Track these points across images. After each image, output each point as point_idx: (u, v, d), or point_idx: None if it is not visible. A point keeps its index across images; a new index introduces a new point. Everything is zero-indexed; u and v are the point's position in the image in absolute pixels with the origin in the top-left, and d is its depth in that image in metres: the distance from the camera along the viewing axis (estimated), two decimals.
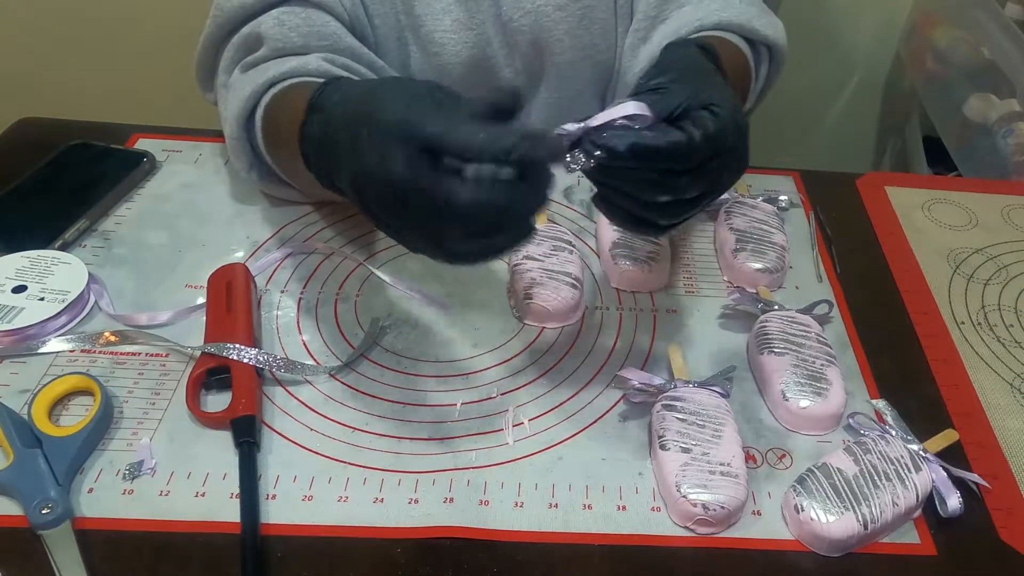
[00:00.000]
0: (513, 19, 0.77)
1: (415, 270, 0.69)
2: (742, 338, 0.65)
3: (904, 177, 0.89)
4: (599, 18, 0.79)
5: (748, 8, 0.76)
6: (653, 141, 0.48)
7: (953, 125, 1.31)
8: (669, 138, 0.48)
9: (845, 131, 1.68)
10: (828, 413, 0.58)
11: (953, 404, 0.61)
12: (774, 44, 0.77)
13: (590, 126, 0.49)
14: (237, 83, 0.69)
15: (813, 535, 0.51)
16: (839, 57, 1.58)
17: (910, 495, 0.52)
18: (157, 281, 0.67)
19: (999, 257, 0.76)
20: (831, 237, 0.76)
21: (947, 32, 1.39)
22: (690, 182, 0.50)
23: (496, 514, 0.52)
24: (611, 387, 0.60)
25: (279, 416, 0.57)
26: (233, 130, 0.68)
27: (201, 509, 0.51)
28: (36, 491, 0.50)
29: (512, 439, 0.57)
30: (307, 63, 0.66)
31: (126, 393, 0.58)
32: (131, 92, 1.50)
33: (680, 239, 0.75)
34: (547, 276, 0.65)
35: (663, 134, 0.48)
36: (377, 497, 0.53)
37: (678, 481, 0.52)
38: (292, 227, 0.73)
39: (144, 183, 0.77)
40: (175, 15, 1.32)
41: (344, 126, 0.48)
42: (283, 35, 0.68)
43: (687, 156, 0.49)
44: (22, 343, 0.60)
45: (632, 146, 0.48)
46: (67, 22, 1.49)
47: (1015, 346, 0.67)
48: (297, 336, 0.63)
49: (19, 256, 0.65)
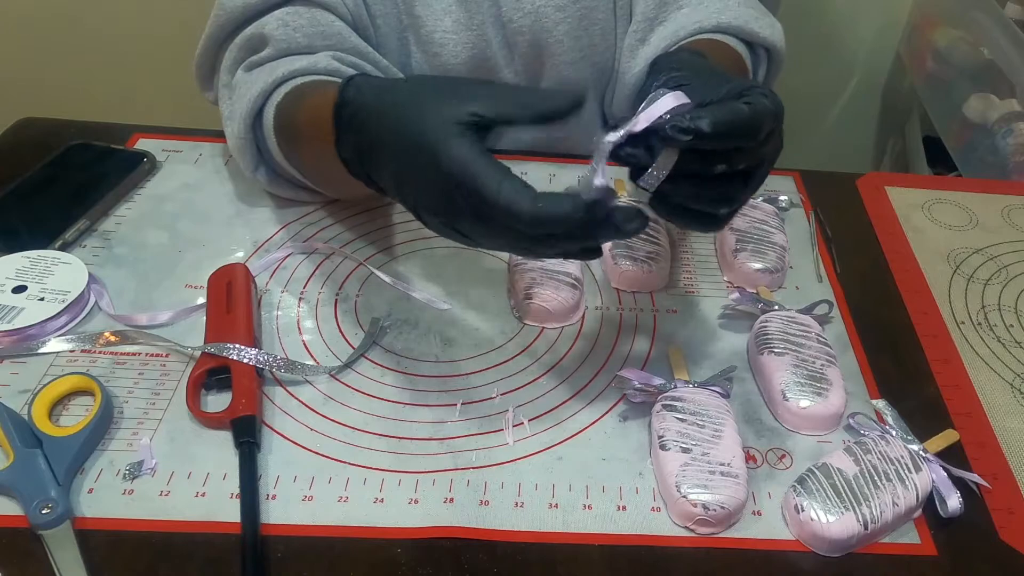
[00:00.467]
0: (513, 20, 0.77)
1: (415, 270, 0.69)
2: (742, 338, 0.65)
3: (904, 177, 0.89)
4: (599, 19, 0.79)
5: (746, 10, 0.75)
6: (732, 114, 0.46)
7: (953, 125, 1.32)
8: (743, 110, 0.46)
9: (845, 131, 1.68)
10: (828, 413, 0.58)
11: (953, 404, 0.61)
12: (772, 46, 0.77)
13: (634, 131, 0.47)
14: (242, 82, 0.69)
15: (813, 535, 0.51)
16: (839, 57, 1.58)
17: (910, 495, 0.52)
18: (157, 281, 0.67)
19: (999, 257, 0.76)
20: (831, 237, 0.76)
21: (947, 32, 1.39)
22: (749, 162, 0.49)
23: (496, 514, 0.52)
24: (611, 387, 0.60)
25: (279, 416, 0.57)
26: (239, 130, 0.67)
27: (201, 509, 0.51)
28: (36, 491, 0.50)
29: (512, 439, 0.57)
30: (317, 62, 0.66)
31: (126, 393, 0.58)
32: (131, 92, 1.50)
33: (680, 239, 0.75)
34: (547, 276, 0.65)
35: (733, 108, 0.46)
36: (377, 497, 0.53)
37: (678, 481, 0.52)
38: (292, 227, 0.73)
39: (144, 183, 0.77)
40: (175, 15, 1.33)
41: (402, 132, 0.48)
42: (288, 35, 0.68)
43: (758, 128, 0.47)
44: (22, 343, 0.60)
45: (715, 123, 0.45)
46: (67, 22, 1.49)
47: (1015, 346, 0.67)
48: (297, 336, 0.63)
49: (19, 256, 0.65)
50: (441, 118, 0.46)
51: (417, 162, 0.47)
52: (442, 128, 0.46)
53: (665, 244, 0.71)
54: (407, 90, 0.51)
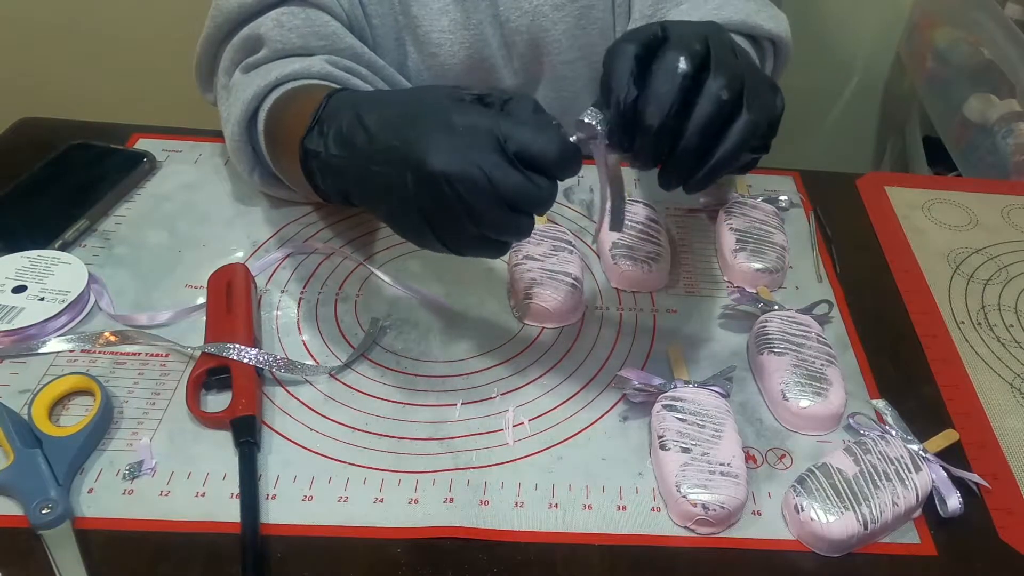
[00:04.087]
0: (511, 19, 0.77)
1: (415, 270, 0.69)
2: (742, 338, 0.65)
3: (904, 177, 0.89)
4: (597, 18, 0.78)
5: (747, 4, 0.74)
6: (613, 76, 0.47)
7: (953, 125, 1.31)
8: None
9: (845, 131, 1.68)
10: (828, 413, 0.58)
11: (953, 404, 0.61)
12: (777, 38, 0.75)
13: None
14: (238, 85, 0.69)
15: (813, 535, 0.51)
16: (839, 57, 1.58)
17: (910, 495, 0.52)
18: (157, 281, 0.67)
19: (999, 257, 0.76)
20: (831, 237, 0.76)
21: (947, 32, 1.39)
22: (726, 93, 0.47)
23: (496, 514, 0.52)
24: (611, 387, 0.60)
25: (279, 416, 0.57)
26: (235, 132, 0.67)
27: (201, 509, 0.51)
28: (36, 491, 0.50)
29: (512, 439, 0.57)
30: (310, 66, 0.66)
31: (126, 393, 0.58)
32: (131, 92, 1.50)
33: (680, 239, 0.75)
34: (547, 276, 0.65)
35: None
36: (377, 497, 0.53)
37: (678, 481, 0.52)
38: (292, 227, 0.73)
39: (144, 183, 0.77)
40: (175, 15, 1.32)
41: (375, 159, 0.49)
42: (283, 36, 0.68)
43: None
44: (22, 343, 0.60)
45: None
46: (67, 22, 1.49)
47: (1015, 346, 0.67)
48: (297, 336, 0.63)
49: (19, 256, 0.65)
50: (442, 90, 0.48)
51: (421, 127, 0.47)
52: (446, 94, 0.48)
53: (665, 244, 0.71)
54: (393, 90, 0.52)
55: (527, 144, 0.45)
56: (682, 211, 0.78)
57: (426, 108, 0.48)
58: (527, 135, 0.45)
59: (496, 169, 0.45)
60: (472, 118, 0.46)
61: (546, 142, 0.45)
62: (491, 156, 0.45)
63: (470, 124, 0.46)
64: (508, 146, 0.45)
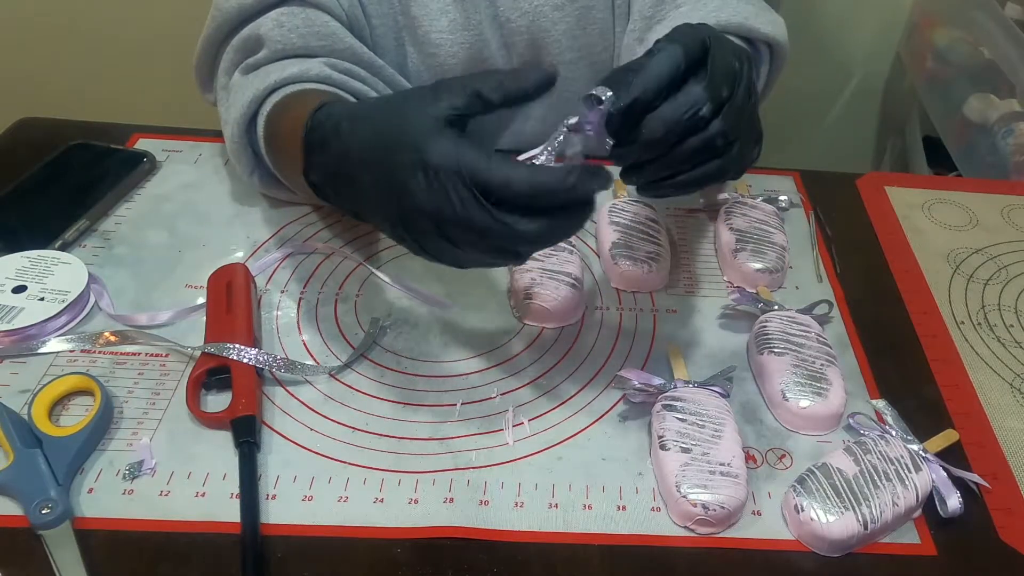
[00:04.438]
0: (510, 19, 0.77)
1: (415, 270, 0.69)
2: (742, 338, 0.65)
3: (904, 177, 0.89)
4: (597, 18, 0.78)
5: (746, 6, 0.74)
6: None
7: (953, 125, 1.31)
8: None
9: (845, 131, 1.68)
10: (828, 413, 0.58)
11: (953, 404, 0.61)
12: (774, 42, 0.75)
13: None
14: (238, 86, 0.69)
15: (813, 535, 0.51)
16: (839, 57, 1.58)
17: (910, 495, 0.52)
18: (157, 281, 0.67)
19: (999, 257, 0.76)
20: (831, 237, 0.76)
21: (947, 32, 1.39)
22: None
23: (496, 514, 0.52)
24: (611, 387, 0.60)
25: (279, 416, 0.57)
26: (234, 134, 0.67)
27: (201, 509, 0.51)
28: (36, 491, 0.50)
29: (512, 439, 0.57)
30: (309, 69, 0.66)
31: (126, 393, 0.58)
32: (131, 92, 1.50)
33: (680, 239, 0.75)
34: (547, 276, 0.65)
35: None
36: (377, 497, 0.53)
37: (678, 481, 0.52)
38: (292, 227, 0.73)
39: (144, 183, 0.77)
40: (175, 15, 1.33)
41: (369, 161, 0.49)
42: (283, 36, 0.68)
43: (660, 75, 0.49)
44: (22, 343, 0.60)
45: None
46: (67, 22, 1.49)
47: (1015, 346, 0.67)
48: (297, 336, 0.63)
49: (19, 256, 0.65)
50: (423, 115, 0.47)
51: (398, 161, 0.46)
52: (423, 124, 0.46)
53: (665, 244, 0.71)
54: (380, 101, 0.52)
55: (491, 183, 0.44)
56: (682, 211, 0.78)
57: (403, 140, 0.47)
58: (494, 175, 0.44)
59: (470, 209, 0.44)
60: (444, 154, 0.45)
61: (517, 180, 0.45)
62: (463, 194, 0.44)
63: (442, 163, 0.45)
64: (476, 187, 0.45)
